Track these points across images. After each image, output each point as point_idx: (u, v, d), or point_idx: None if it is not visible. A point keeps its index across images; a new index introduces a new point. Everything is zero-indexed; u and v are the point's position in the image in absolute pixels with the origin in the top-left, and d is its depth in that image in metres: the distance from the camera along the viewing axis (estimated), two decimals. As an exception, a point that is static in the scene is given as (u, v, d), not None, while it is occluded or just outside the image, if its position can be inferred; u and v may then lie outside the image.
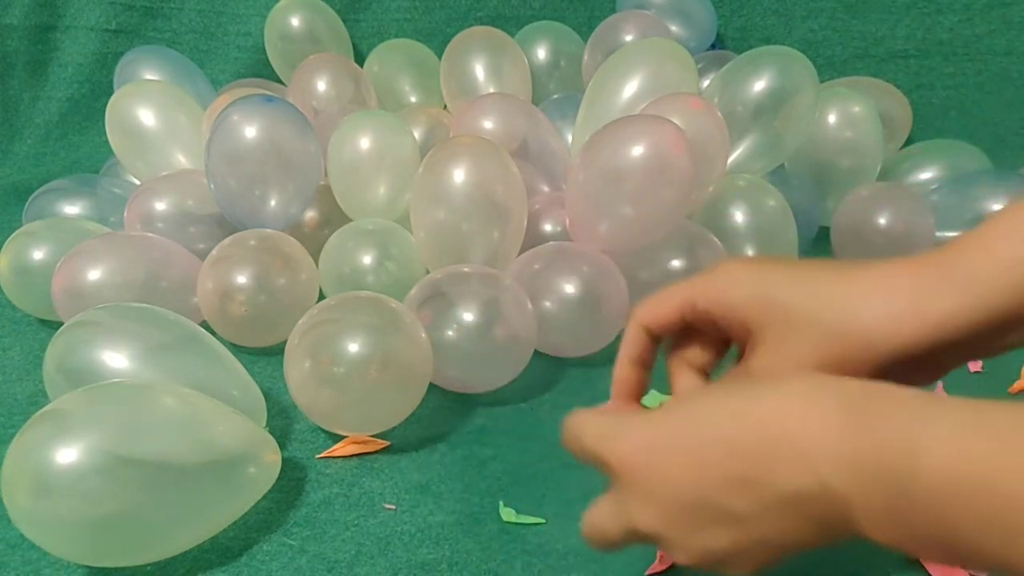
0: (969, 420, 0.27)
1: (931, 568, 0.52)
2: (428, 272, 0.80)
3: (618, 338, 0.78)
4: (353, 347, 0.61)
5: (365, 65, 1.27)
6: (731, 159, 0.89)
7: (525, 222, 0.81)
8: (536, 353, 0.79)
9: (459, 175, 0.76)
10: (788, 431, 0.29)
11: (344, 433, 0.66)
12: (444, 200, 0.77)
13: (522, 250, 0.81)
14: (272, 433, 0.68)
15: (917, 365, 0.34)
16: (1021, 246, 0.32)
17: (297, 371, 0.64)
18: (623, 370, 0.43)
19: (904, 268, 0.34)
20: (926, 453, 0.27)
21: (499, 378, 0.72)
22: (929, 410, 0.28)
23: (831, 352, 0.33)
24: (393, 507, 0.59)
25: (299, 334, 0.64)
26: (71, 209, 0.96)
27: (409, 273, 0.82)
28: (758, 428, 0.30)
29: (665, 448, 0.32)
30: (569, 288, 0.74)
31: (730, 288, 0.36)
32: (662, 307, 0.40)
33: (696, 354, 0.41)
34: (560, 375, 0.77)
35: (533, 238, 0.84)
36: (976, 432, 0.26)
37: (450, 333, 0.68)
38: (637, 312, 0.41)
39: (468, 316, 0.68)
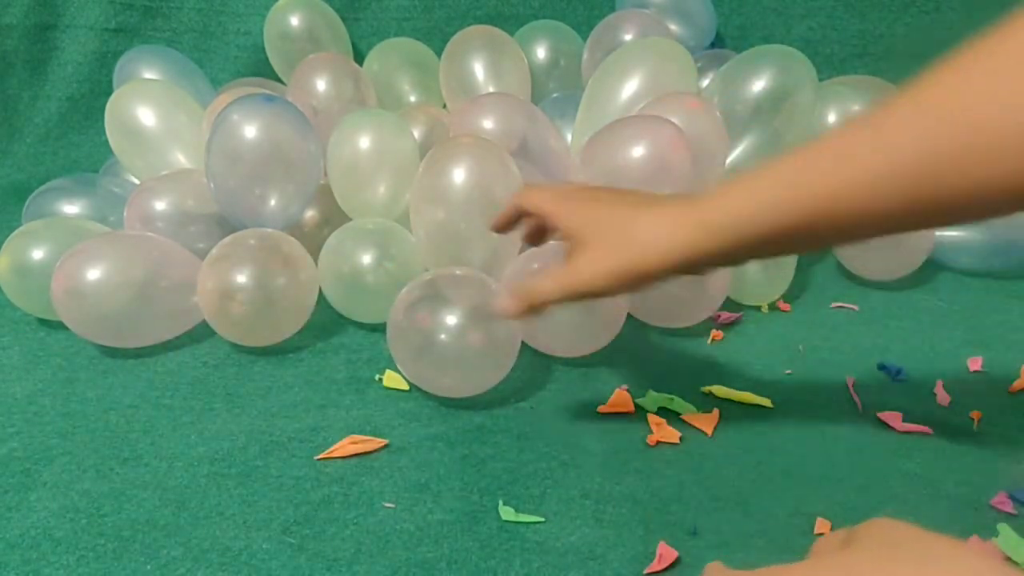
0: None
1: None
2: (427, 271, 0.80)
3: (616, 339, 0.78)
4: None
5: (364, 64, 1.27)
6: (731, 158, 0.89)
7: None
8: (535, 352, 0.79)
9: (459, 175, 0.76)
10: None
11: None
12: (444, 200, 0.77)
13: (522, 250, 0.81)
14: (272, 433, 0.68)
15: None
16: (751, 199, 0.45)
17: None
18: (499, 221, 0.62)
19: (673, 208, 0.50)
20: None
21: (477, 385, 0.71)
22: None
23: (622, 256, 0.50)
24: (392, 506, 0.59)
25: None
26: (71, 209, 0.96)
27: (408, 273, 0.82)
28: None
29: None
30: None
31: (565, 216, 0.54)
32: (522, 206, 0.59)
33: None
34: (559, 374, 0.77)
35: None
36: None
37: (441, 337, 0.68)
38: (516, 198, 0.59)
39: (451, 320, 0.68)
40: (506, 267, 0.79)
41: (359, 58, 1.31)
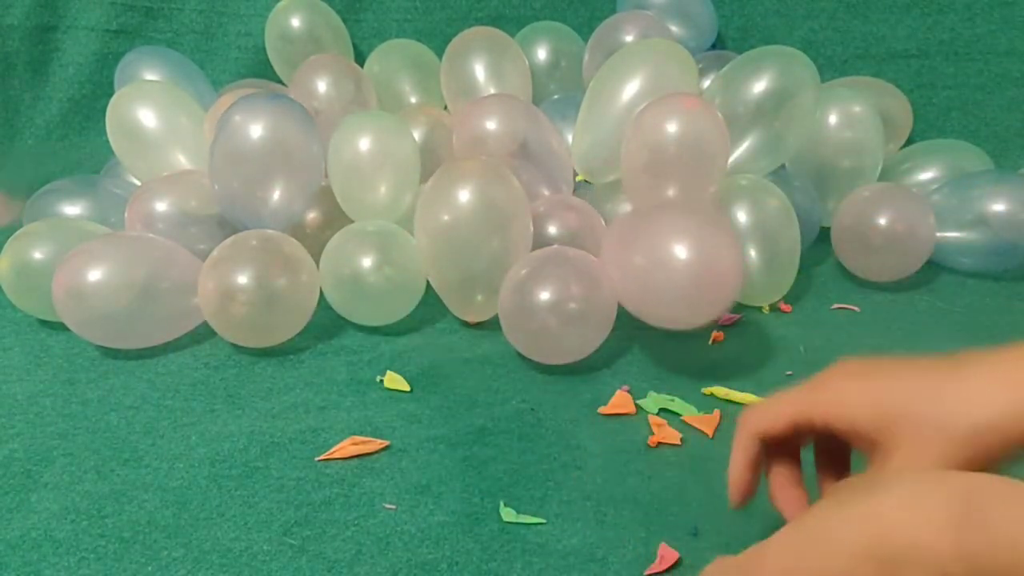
0: None
1: None
2: (427, 277, 0.83)
3: (617, 340, 0.78)
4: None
5: (365, 65, 1.27)
6: (732, 159, 0.89)
7: (528, 238, 0.83)
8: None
9: (464, 195, 0.79)
10: (908, 539, 0.30)
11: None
12: (449, 212, 0.79)
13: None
14: (273, 434, 0.68)
15: None
16: None
17: None
18: (740, 475, 0.45)
19: (1013, 359, 0.35)
20: None
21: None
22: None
23: (963, 452, 0.35)
24: (393, 507, 0.59)
25: None
26: (72, 209, 0.96)
27: (408, 276, 0.82)
28: (882, 539, 0.31)
29: (798, 570, 0.34)
30: (552, 294, 0.73)
31: (847, 405, 0.39)
32: (775, 420, 0.43)
33: (794, 470, 0.46)
34: (560, 376, 0.77)
35: (538, 239, 0.84)
36: None
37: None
38: (749, 420, 0.44)
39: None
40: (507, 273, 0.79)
41: (360, 59, 1.31)
